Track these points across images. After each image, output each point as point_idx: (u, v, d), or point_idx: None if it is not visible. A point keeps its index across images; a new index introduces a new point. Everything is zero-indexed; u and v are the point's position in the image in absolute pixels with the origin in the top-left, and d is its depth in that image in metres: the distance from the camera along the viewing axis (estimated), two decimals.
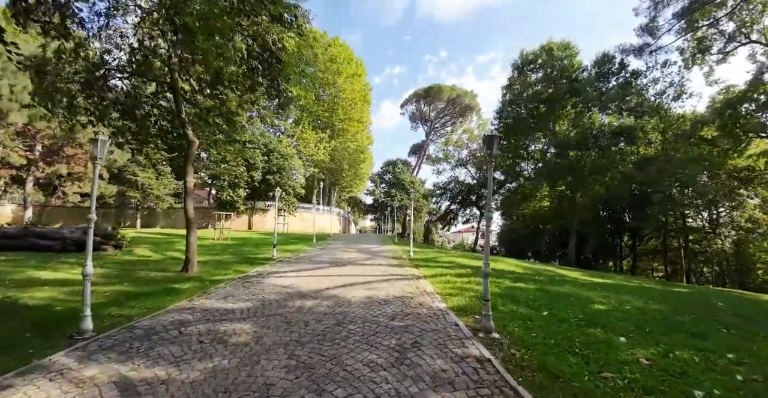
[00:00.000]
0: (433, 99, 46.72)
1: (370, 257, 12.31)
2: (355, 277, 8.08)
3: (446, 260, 11.58)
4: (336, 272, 8.89)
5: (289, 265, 10.16)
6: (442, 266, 9.91)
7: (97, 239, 13.98)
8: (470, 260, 11.88)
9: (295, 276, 8.31)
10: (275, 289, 6.94)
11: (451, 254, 14.01)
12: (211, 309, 5.56)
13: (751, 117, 23.72)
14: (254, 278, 8.18)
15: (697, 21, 25.48)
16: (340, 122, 42.36)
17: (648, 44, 27.49)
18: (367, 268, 9.52)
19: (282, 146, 32.82)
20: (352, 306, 5.46)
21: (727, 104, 23.98)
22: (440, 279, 7.85)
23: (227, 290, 6.99)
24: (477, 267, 10.13)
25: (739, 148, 25.15)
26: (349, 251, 14.32)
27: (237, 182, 22.45)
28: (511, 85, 27.84)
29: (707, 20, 25.28)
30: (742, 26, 24.52)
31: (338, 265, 10.01)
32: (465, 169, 38.26)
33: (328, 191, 46.51)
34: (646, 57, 27.62)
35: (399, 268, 9.59)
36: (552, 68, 25.42)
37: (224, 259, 12.10)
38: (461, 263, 10.86)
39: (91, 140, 5.18)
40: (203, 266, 10.49)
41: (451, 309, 5.46)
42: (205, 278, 8.48)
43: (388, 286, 7.04)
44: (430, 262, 10.91)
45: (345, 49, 40.08)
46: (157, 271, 9.71)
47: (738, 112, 23.90)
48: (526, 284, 7.95)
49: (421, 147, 52.42)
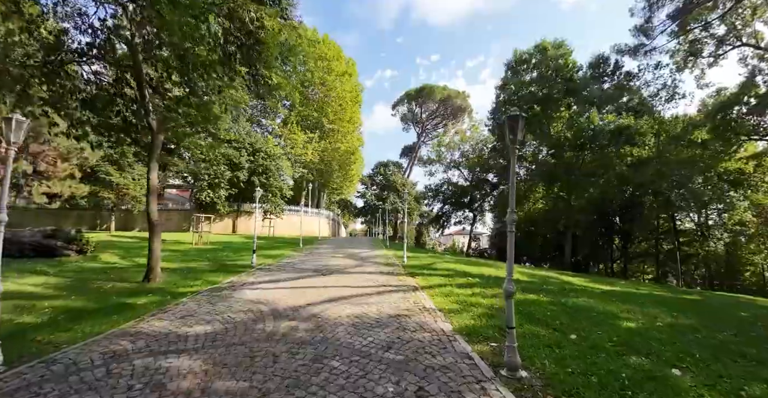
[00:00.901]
0: (425, 100, 46.01)
1: (359, 263, 11.24)
2: (343, 289, 7.01)
3: (444, 267, 10.59)
4: (320, 282, 7.79)
5: (268, 274, 9.01)
6: (440, 275, 8.90)
7: (58, 243, 12.70)
8: (470, 267, 10.91)
9: (273, 288, 7.19)
10: (246, 305, 5.82)
11: (446, 260, 13.03)
12: (161, 335, 4.43)
13: (743, 120, 23.60)
14: (225, 291, 7.03)
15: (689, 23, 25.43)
16: (329, 122, 41.24)
17: (643, 45, 27.25)
18: (357, 277, 8.45)
19: (269, 146, 31.51)
20: (337, 330, 4.40)
21: (719, 107, 23.86)
22: (440, 291, 6.84)
23: (188, 308, 5.85)
24: (479, 276, 9.17)
25: (730, 151, 25.07)
26: (337, 257, 13.21)
27: (217, 182, 21.05)
28: (505, 86, 27.19)
29: (699, 23, 25.23)
30: (733, 29, 24.46)
31: (324, 274, 8.91)
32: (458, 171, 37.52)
33: (317, 193, 45.24)
34: (641, 57, 27.43)
35: (392, 277, 8.54)
36: (547, 68, 24.87)
37: (197, 266, 10.88)
38: (461, 271, 9.88)
39: (4, 120, 4.06)
40: (171, 274, 9.30)
41: (459, 332, 4.44)
42: (167, 291, 7.32)
43: (381, 301, 5.99)
44: (426, 269, 9.90)
45: (334, 47, 39.10)
46: (117, 281, 8.48)
47: (729, 115, 23.79)
48: (537, 295, 7.00)
49: (413, 149, 51.62)
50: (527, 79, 26.23)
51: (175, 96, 9.19)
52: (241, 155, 28.66)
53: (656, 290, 11.84)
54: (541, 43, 25.04)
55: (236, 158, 28.12)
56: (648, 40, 27.33)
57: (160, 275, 8.26)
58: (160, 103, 9.21)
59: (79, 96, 9.23)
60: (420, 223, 57.66)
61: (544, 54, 24.81)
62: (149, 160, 8.30)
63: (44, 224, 26.79)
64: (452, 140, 38.93)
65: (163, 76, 9.09)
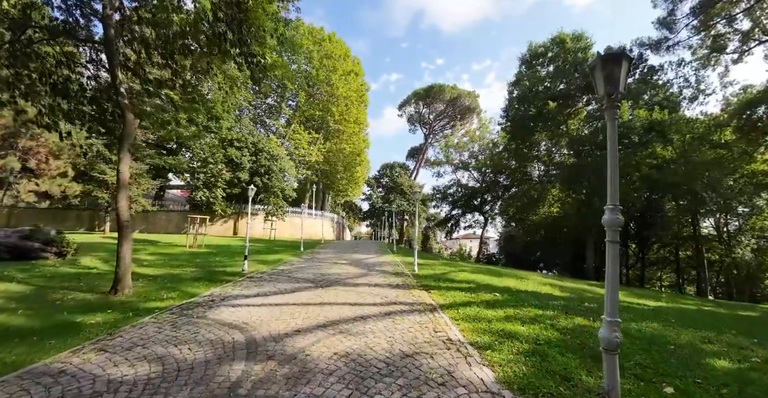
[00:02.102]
0: (433, 100, 44.67)
1: (364, 272, 9.89)
2: (342, 308, 5.66)
3: (461, 278, 9.19)
4: (317, 298, 6.45)
5: (257, 285, 7.70)
6: (459, 289, 7.51)
7: (36, 245, 11.62)
8: (491, 278, 9.51)
9: (258, 305, 5.87)
10: (217, 332, 4.51)
11: (462, 269, 11.62)
12: (86, 379, 3.14)
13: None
14: (199, 309, 5.74)
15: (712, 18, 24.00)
16: (334, 122, 40.10)
17: (666, 38, 25.76)
18: (361, 291, 7.09)
19: (272, 146, 30.40)
20: (329, 382, 3.05)
21: (744, 105, 22.39)
22: (465, 313, 5.46)
23: (144, 333, 4.56)
24: (505, 290, 7.77)
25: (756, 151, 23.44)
26: (339, 264, 11.88)
27: (214, 181, 19.85)
28: (519, 81, 25.74)
29: (723, 18, 23.81)
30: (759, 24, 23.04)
31: (321, 286, 7.57)
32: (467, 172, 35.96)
33: (321, 195, 44.07)
34: (663, 52, 25.94)
35: (403, 291, 7.17)
36: (564, 62, 23.38)
37: (181, 273, 9.63)
38: (482, 283, 8.48)
39: None
40: (148, 283, 8.08)
41: (508, 386, 3.06)
42: (132, 306, 6.07)
43: (391, 328, 4.63)
44: (442, 281, 8.51)
45: (341, 46, 38.03)
46: (83, 291, 7.29)
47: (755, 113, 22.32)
48: (586, 319, 5.58)
49: (420, 150, 50.28)
50: (543, 74, 24.76)
51: (155, 78, 8.02)
52: (242, 154, 27.58)
53: (704, 305, 10.32)
54: (559, 36, 23.59)
55: (238, 157, 27.04)
56: (671, 33, 25.88)
57: (129, 286, 7.01)
58: (138, 86, 8.06)
59: (50, 80, 8.14)
60: (426, 226, 56.19)
61: (561, 47, 23.35)
62: (120, 149, 7.08)
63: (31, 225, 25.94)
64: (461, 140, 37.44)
65: (141, 55, 7.92)
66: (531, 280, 10.01)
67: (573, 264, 31.86)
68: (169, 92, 7.74)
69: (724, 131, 22.85)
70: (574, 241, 26.25)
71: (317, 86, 38.76)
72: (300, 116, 39.48)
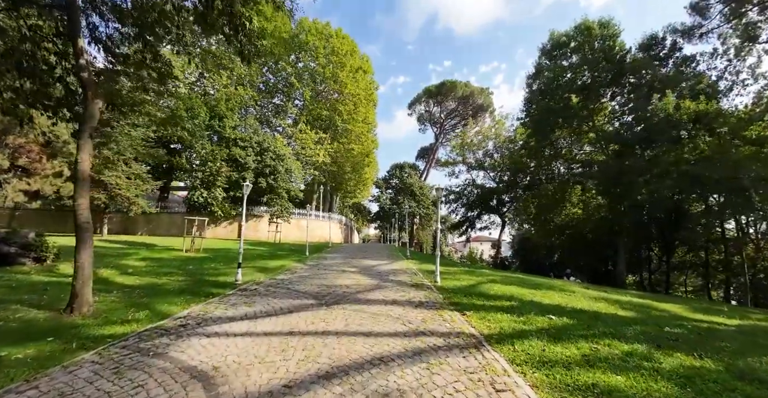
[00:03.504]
0: (445, 97, 43.04)
1: (377, 283, 8.38)
2: (353, 341, 4.17)
3: (496, 291, 7.60)
4: (319, 322, 4.97)
5: (247, 302, 6.25)
6: (501, 308, 5.95)
7: (12, 249, 10.44)
8: (530, 291, 7.91)
9: (242, 334, 4.41)
10: (170, 385, 3.05)
11: (489, 277, 10.04)
12: None
13: None
14: (164, 338, 4.31)
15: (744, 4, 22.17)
16: (342, 122, 38.80)
17: (700, 25, 23.92)
18: (375, 312, 5.59)
19: (277, 145, 29.17)
20: None
21: None
22: (525, 350, 3.92)
23: (72, 380, 3.15)
24: (557, 309, 6.18)
25: None
26: (347, 272, 10.40)
27: (212, 181, 18.55)
28: (540, 73, 24.02)
29: (756, 5, 21.98)
30: None
31: (326, 303, 6.08)
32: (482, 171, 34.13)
33: (329, 196, 42.75)
34: (696, 40, 24.07)
35: (430, 312, 5.65)
36: (591, 51, 21.61)
37: (165, 284, 8.27)
38: (525, 299, 6.90)
39: None
40: (119, 297, 6.75)
41: None
42: (82, 332, 4.70)
43: (427, 382, 3.11)
44: (474, 296, 6.95)
45: (348, 41, 36.73)
46: (39, 307, 6.01)
47: None
48: (691, 357, 3.98)
49: (430, 150, 48.67)
50: (566, 65, 23.02)
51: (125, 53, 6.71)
52: (247, 154, 26.39)
53: None
54: (584, 23, 21.82)
55: (242, 157, 25.86)
56: (704, 20, 24.04)
57: (89, 303, 5.62)
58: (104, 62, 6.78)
59: (14, 58, 6.90)
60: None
61: (587, 35, 21.58)
62: (80, 134, 5.74)
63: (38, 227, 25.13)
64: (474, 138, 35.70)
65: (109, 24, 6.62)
66: (578, 293, 8.37)
67: (594, 269, 29.87)
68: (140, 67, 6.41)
69: (758, 126, 20.81)
70: (600, 245, 24.32)
71: (324, 84, 37.57)
72: (307, 115, 38.30)
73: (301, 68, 37.25)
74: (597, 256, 26.92)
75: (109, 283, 8.35)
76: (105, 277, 9.11)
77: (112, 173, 20.35)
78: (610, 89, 24.74)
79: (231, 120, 27.52)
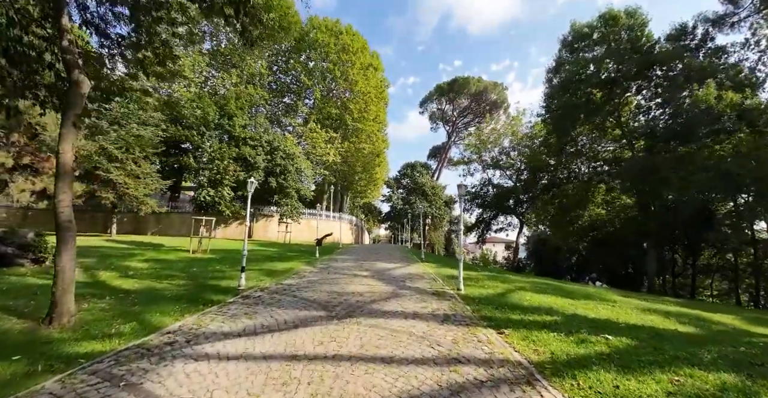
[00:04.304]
0: (457, 95, 41.93)
1: (393, 290, 7.56)
2: (371, 370, 3.36)
3: (530, 301, 6.68)
4: (329, 341, 4.17)
5: (248, 313, 5.51)
6: (542, 324, 5.06)
7: (9, 249, 9.98)
8: (569, 301, 6.98)
9: (236, 358, 3.65)
10: None
11: (516, 283, 9.11)
12: None
13: None
14: (144, 362, 3.57)
15: None
16: (353, 120, 38.16)
17: (732, 13, 22.42)
18: (395, 328, 4.77)
19: (287, 145, 28.66)
20: None
21: None
22: (595, 388, 3.05)
23: None
24: (608, 324, 5.25)
25: None
26: (360, 276, 9.61)
27: (220, 179, 17.99)
28: (560, 67, 22.85)
29: None
30: None
31: (337, 316, 5.29)
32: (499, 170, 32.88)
33: (339, 196, 42.15)
34: (728, 29, 22.56)
35: (460, 330, 4.79)
36: (617, 42, 20.36)
37: (163, 289, 7.62)
38: (567, 311, 5.98)
39: None
40: (110, 305, 6.12)
41: None
42: (54, 350, 4.02)
43: None
44: (507, 308, 6.05)
45: (358, 38, 36.10)
46: (20, 315, 5.51)
47: None
48: None
49: (442, 149, 47.60)
50: (588, 57, 21.79)
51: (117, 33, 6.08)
52: (257, 153, 25.93)
53: None
54: (609, 13, 20.58)
55: (252, 156, 25.40)
56: (736, 9, 22.52)
57: (70, 313, 4.95)
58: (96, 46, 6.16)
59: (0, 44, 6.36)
60: (450, 229, 53.33)
61: (612, 25, 20.35)
62: (63, 121, 5.09)
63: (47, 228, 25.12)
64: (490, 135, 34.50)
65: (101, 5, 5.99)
66: (620, 303, 7.39)
67: (612, 271, 28.39)
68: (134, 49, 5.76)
69: None
70: (624, 247, 22.93)
71: (335, 83, 37.00)
72: (317, 113, 37.79)
73: (311, 67, 36.81)
74: (620, 259, 25.51)
75: (105, 287, 7.75)
76: (102, 280, 8.53)
77: (120, 172, 20.07)
78: (636, 83, 23.41)
79: (241, 119, 27.08)
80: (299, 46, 36.46)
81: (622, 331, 4.97)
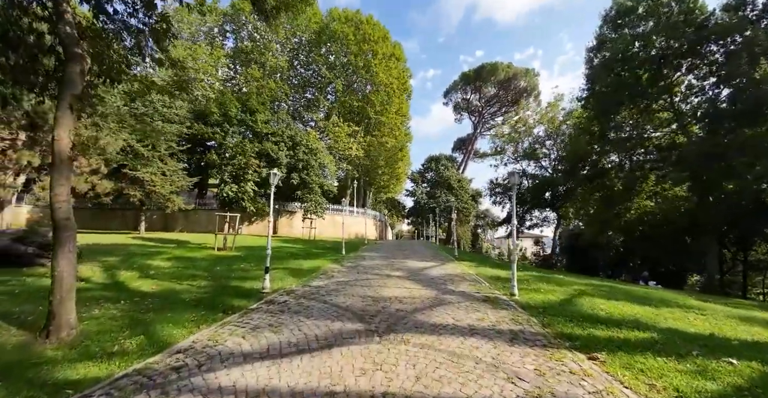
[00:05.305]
0: (483, 83, 39.87)
1: (435, 295, 6.57)
2: None
3: (606, 310, 5.52)
4: (374, 374, 3.24)
5: (272, 324, 4.69)
6: (639, 344, 3.94)
7: (29, 249, 9.76)
8: (647, 308, 5.77)
9: (256, 395, 2.82)
10: None
11: (568, 284, 7.91)
12: None
13: None
14: (140, 395, 2.79)
15: None
16: (375, 113, 37.14)
17: None
18: (454, 350, 3.78)
19: (310, 139, 28.11)
20: None
21: None
22: None
23: None
24: (717, 342, 4.05)
25: None
26: (393, 277, 8.69)
27: (242, 174, 17.56)
28: (603, 44, 20.81)
29: None
30: None
31: (378, 330, 4.36)
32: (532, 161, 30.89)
33: (362, 191, 41.45)
34: None
35: (539, 353, 3.75)
36: (667, 15, 18.20)
37: (183, 291, 7.00)
38: (657, 323, 4.81)
39: None
40: (122, 311, 5.46)
41: None
42: (40, 376, 3.33)
43: None
44: (585, 320, 4.92)
45: (379, 28, 34.89)
46: (21, 325, 4.83)
47: None
48: None
49: (468, 141, 45.75)
50: (635, 34, 19.69)
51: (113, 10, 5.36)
52: (279, 149, 25.50)
53: None
54: None
55: (274, 152, 24.99)
56: None
57: (71, 325, 4.30)
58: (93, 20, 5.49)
59: None
60: (476, 224, 51.60)
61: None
62: (58, 103, 4.43)
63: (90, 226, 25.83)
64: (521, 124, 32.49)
65: None
66: (707, 311, 6.07)
67: (655, 270, 26.00)
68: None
69: None
70: (671, 242, 20.73)
71: (356, 75, 36.06)
72: (339, 107, 37.05)
73: (332, 60, 36.05)
74: (667, 255, 23.21)
75: (122, 289, 7.23)
76: (122, 281, 8.04)
77: (147, 169, 20.11)
78: (687, 61, 21.04)
79: (263, 114, 26.73)
80: (319, 38, 35.75)
81: (742, 352, 3.79)
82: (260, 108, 27.43)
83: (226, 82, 34.89)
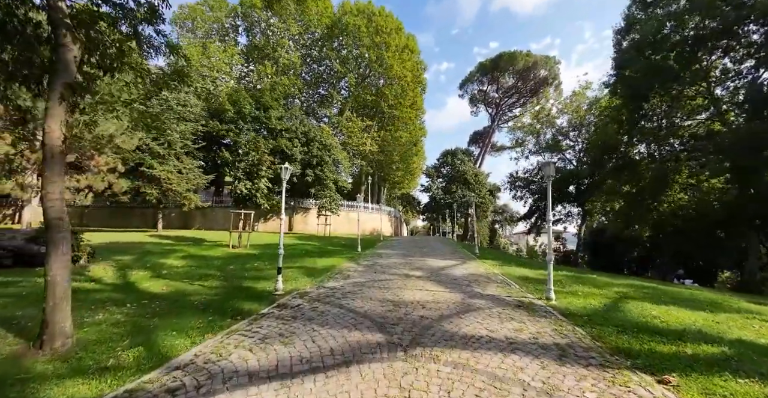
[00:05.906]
0: (501, 73, 38.48)
1: (461, 300, 5.98)
2: None
3: (660, 317, 4.83)
4: None
5: (283, 334, 4.23)
6: (712, 362, 3.28)
7: (43, 249, 9.65)
8: (707, 315, 5.03)
9: None
10: None
11: (606, 285, 7.17)
12: None
13: None
14: None
15: None
16: (389, 107, 36.45)
17: None
18: (494, 371, 3.20)
19: (323, 135, 27.77)
20: None
21: None
22: None
23: None
24: None
25: None
26: (412, 277, 8.15)
27: (256, 171, 17.33)
28: (631, 27, 19.44)
29: None
30: None
31: (402, 344, 3.82)
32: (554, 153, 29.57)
33: (377, 187, 40.97)
34: None
35: (597, 376, 3.12)
36: None
37: (194, 293, 6.67)
38: (724, 334, 4.11)
39: None
40: (125, 315, 5.14)
41: None
42: (23, 393, 2.91)
43: None
44: (638, 330, 4.27)
45: (392, 19, 34.06)
46: (16, 332, 4.58)
47: None
48: None
49: (485, 134, 44.48)
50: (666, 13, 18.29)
51: None
52: (293, 145, 25.26)
53: None
54: None
55: (288, 148, 24.77)
56: None
57: (66, 334, 3.94)
58: None
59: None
60: (494, 220, 50.43)
61: None
62: (49, 93, 4.06)
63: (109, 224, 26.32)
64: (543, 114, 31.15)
65: None
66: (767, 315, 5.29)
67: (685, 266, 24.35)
68: None
69: None
70: (705, 237, 19.30)
71: (369, 68, 35.41)
72: (352, 102, 36.54)
73: (345, 54, 35.50)
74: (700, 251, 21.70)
75: (131, 290, 6.96)
76: (132, 281, 7.80)
77: (163, 167, 20.15)
78: (723, 42, 19.46)
79: (276, 111, 26.52)
80: (331, 32, 35.24)
81: None
82: (274, 104, 27.23)
83: (240, 80, 34.86)
